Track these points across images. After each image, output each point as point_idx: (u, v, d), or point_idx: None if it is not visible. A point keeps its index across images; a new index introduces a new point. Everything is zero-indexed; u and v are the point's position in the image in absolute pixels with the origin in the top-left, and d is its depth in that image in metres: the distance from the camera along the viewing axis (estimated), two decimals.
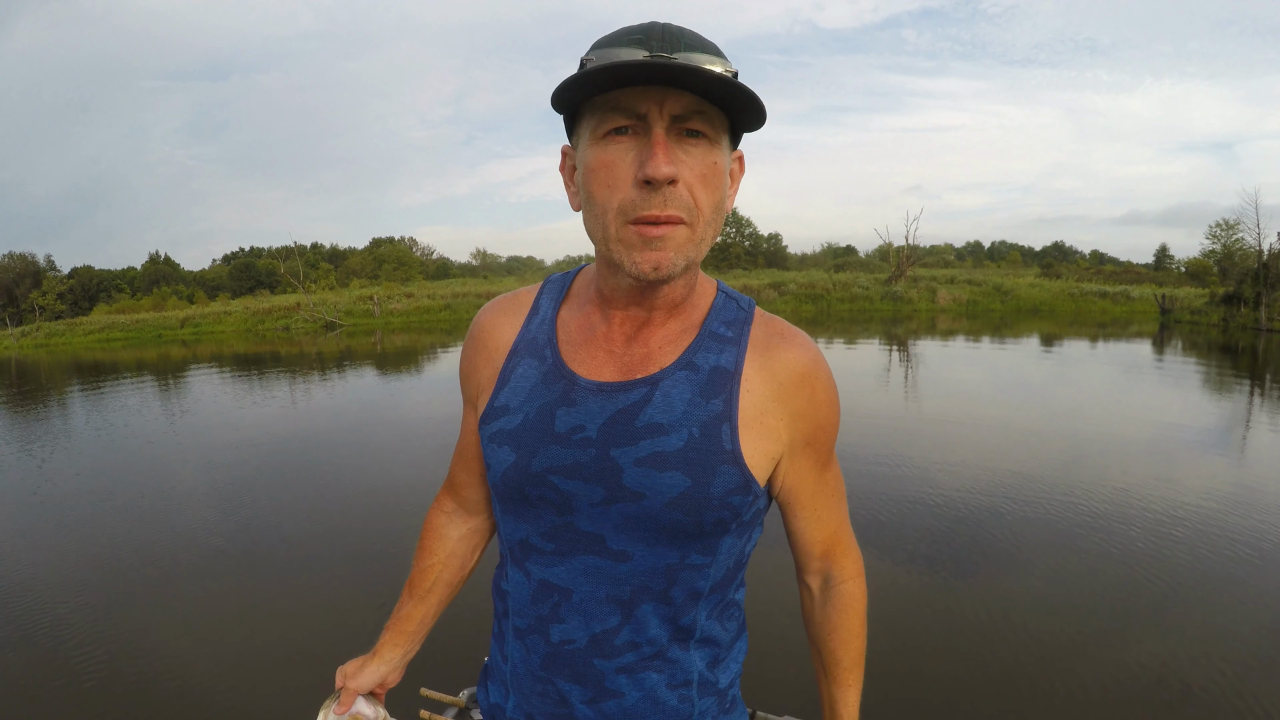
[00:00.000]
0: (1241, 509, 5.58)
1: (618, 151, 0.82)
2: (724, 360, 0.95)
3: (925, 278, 37.48)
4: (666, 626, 0.96)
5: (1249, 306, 24.61)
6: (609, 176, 0.83)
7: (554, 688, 1.01)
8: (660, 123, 0.81)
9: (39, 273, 49.14)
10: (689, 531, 0.91)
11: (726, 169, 0.89)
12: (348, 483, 6.86)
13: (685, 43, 0.83)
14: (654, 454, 0.89)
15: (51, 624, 4.15)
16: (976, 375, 13.52)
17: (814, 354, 1.02)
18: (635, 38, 0.82)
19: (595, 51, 0.84)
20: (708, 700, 1.03)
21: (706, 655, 1.02)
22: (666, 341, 0.96)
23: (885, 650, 3.67)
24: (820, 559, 1.10)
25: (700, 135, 0.84)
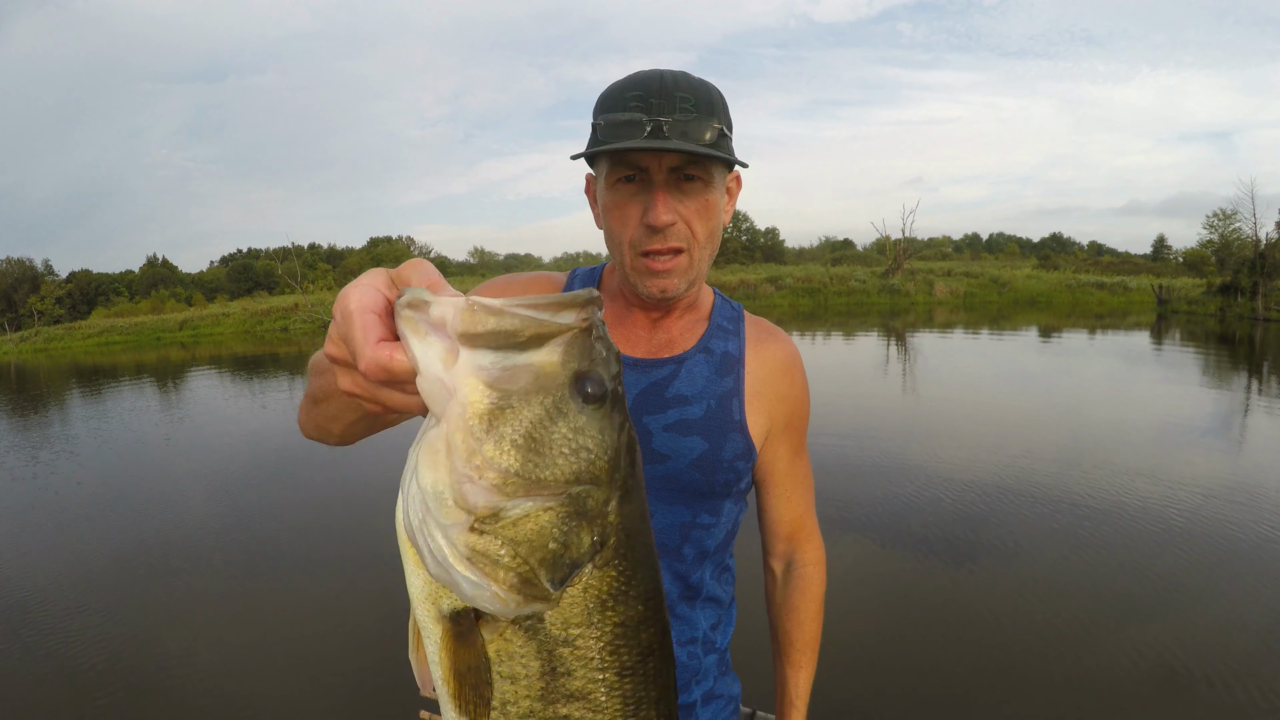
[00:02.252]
0: (1242, 498, 5.62)
1: (627, 194, 1.01)
2: (730, 347, 1.15)
3: (922, 270, 37.48)
4: (677, 584, 1.11)
5: (1246, 296, 24.65)
6: (621, 216, 1.02)
7: None
8: (660, 175, 0.98)
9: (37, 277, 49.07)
10: (702, 491, 1.08)
11: (720, 201, 1.06)
12: (347, 483, 6.89)
13: (679, 102, 0.97)
14: (679, 421, 1.07)
15: (53, 625, 4.18)
16: (975, 368, 13.55)
17: (795, 348, 1.23)
18: (635, 98, 0.96)
19: (602, 116, 1.00)
20: (710, 658, 1.19)
21: (710, 615, 1.17)
22: (684, 330, 1.15)
23: (886, 643, 3.70)
24: (785, 541, 1.29)
25: (696, 179, 1.00)
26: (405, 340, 0.48)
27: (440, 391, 0.47)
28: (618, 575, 0.54)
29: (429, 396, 0.47)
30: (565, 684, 0.54)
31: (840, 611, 3.98)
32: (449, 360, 0.47)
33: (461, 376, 0.47)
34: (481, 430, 0.47)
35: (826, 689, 3.38)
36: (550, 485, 0.49)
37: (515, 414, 0.48)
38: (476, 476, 0.47)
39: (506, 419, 0.47)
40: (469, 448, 0.47)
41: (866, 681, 3.40)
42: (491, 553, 0.48)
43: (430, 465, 0.48)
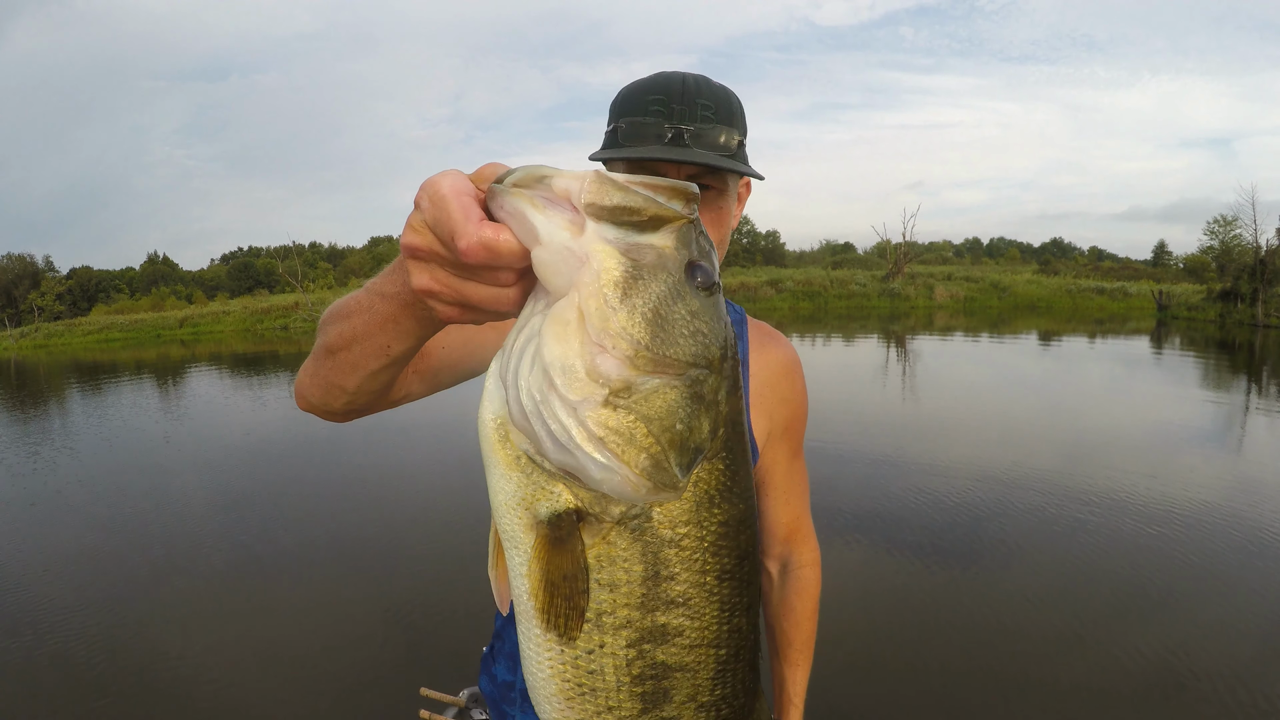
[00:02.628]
0: (1240, 502, 5.63)
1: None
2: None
3: (923, 275, 37.51)
4: None
5: (1246, 302, 24.66)
6: None
7: None
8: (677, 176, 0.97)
9: (37, 273, 49.07)
10: None
11: (731, 208, 1.06)
12: (347, 483, 6.89)
13: (701, 110, 0.97)
14: None
15: (53, 623, 4.18)
16: (975, 371, 13.55)
17: (795, 353, 1.24)
18: (656, 104, 0.96)
19: (623, 119, 0.99)
20: None
21: None
22: None
23: (886, 644, 3.71)
24: (783, 543, 1.28)
25: (709, 188, 1.00)
26: (522, 214, 0.46)
27: (568, 260, 0.46)
28: (725, 470, 0.54)
29: (552, 267, 0.46)
30: (667, 589, 0.53)
31: (840, 612, 3.99)
32: (575, 230, 0.46)
33: (593, 244, 0.46)
34: (616, 298, 0.46)
35: (826, 689, 3.38)
36: (674, 364, 0.48)
37: (644, 288, 0.47)
38: (610, 346, 0.46)
39: (637, 290, 0.47)
40: (603, 315, 0.46)
41: (866, 682, 3.40)
42: (625, 429, 0.47)
43: (559, 336, 0.46)
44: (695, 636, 0.56)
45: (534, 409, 0.48)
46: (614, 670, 0.55)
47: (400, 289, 0.63)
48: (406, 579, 4.60)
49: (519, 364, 0.49)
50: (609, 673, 0.55)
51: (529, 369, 0.48)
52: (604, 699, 0.56)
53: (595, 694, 0.55)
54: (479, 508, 1.23)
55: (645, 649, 0.54)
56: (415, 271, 0.53)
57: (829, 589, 1.34)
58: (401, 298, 0.63)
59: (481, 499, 1.19)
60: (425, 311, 0.61)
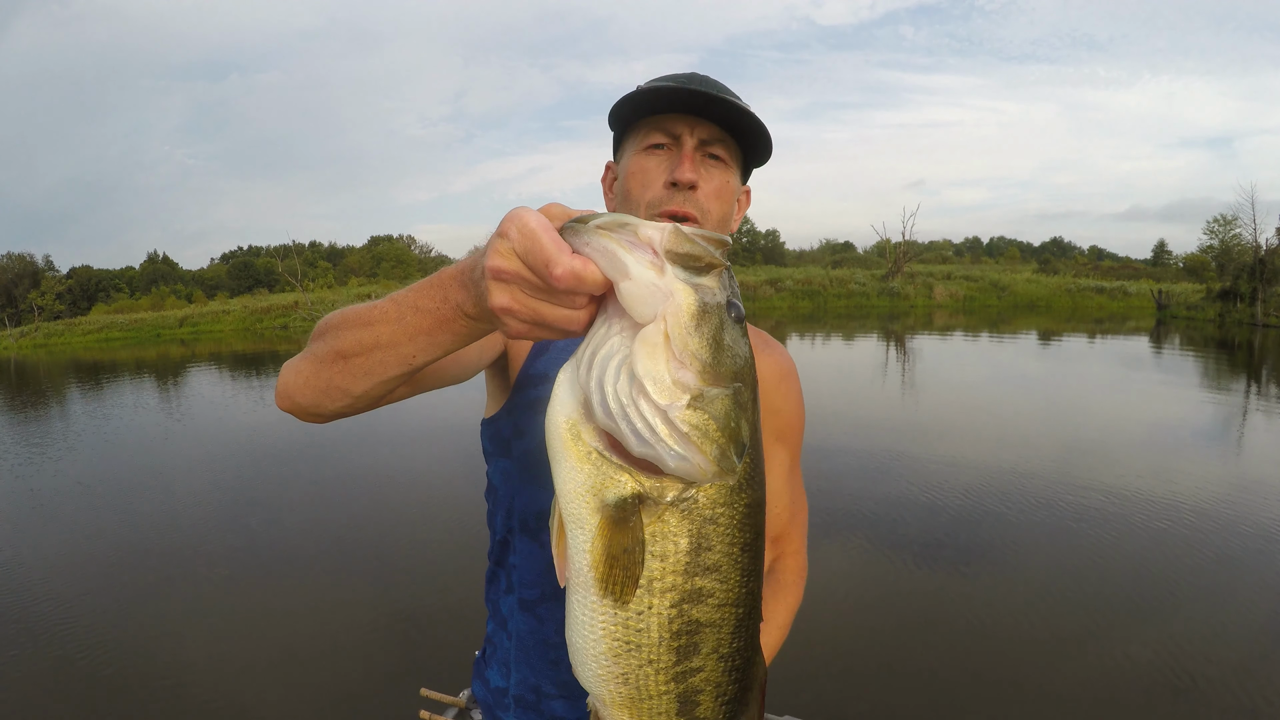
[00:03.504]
0: (1241, 502, 5.65)
1: (653, 161, 1.04)
2: None
3: (922, 274, 37.50)
4: None
5: (1245, 302, 24.67)
6: (644, 179, 1.04)
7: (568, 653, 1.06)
8: (690, 142, 1.03)
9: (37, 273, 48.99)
10: None
11: (736, 191, 1.10)
12: (347, 482, 6.90)
13: (718, 89, 1.04)
14: None
15: (54, 626, 4.20)
16: (974, 371, 13.56)
17: (791, 362, 1.24)
18: (680, 78, 1.04)
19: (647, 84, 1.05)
20: None
21: None
22: None
23: (885, 644, 3.72)
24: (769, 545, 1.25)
25: (719, 160, 1.05)
26: (613, 253, 0.57)
27: (656, 293, 0.57)
28: (751, 462, 0.66)
29: (640, 298, 0.57)
30: (704, 558, 0.65)
31: (839, 613, 4.00)
32: (658, 271, 0.58)
33: (675, 283, 0.58)
34: (692, 326, 0.58)
35: (825, 689, 3.40)
36: (726, 378, 0.61)
37: (708, 319, 0.60)
38: (688, 362, 0.58)
39: (705, 321, 0.59)
40: (683, 339, 0.58)
41: (865, 682, 3.41)
42: (702, 426, 0.59)
43: (650, 355, 0.57)
44: (723, 597, 0.67)
45: (620, 411, 0.58)
46: (658, 628, 0.66)
47: (440, 305, 0.70)
48: (407, 580, 4.61)
49: (602, 374, 0.59)
50: (654, 630, 0.66)
51: (614, 378, 0.58)
52: (647, 653, 0.67)
53: (640, 649, 0.67)
54: (479, 508, 1.24)
55: (685, 608, 0.66)
56: (496, 291, 0.61)
57: (829, 588, 1.34)
58: (441, 313, 0.70)
59: (480, 500, 1.20)
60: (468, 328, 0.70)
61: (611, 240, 0.57)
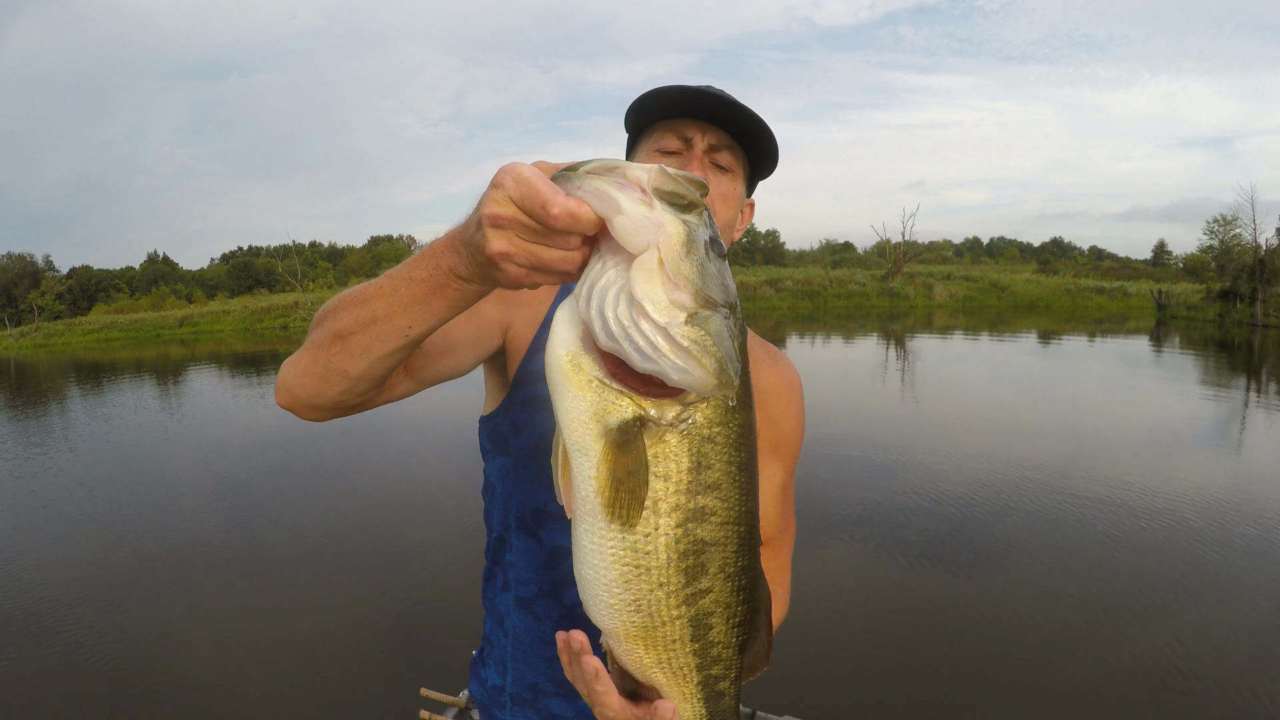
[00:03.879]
0: (1240, 502, 5.65)
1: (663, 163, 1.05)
2: None
3: (922, 274, 37.50)
4: None
5: (1245, 302, 24.67)
6: None
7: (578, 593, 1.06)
8: (701, 145, 1.06)
9: (37, 273, 49.01)
10: None
11: (741, 200, 1.12)
12: (347, 483, 6.91)
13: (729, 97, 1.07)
14: None
15: (54, 626, 4.20)
16: (974, 371, 13.57)
17: (797, 377, 1.22)
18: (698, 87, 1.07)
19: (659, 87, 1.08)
20: None
21: None
22: None
23: (884, 645, 3.72)
24: None
25: (727, 167, 1.08)
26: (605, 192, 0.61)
27: (648, 225, 0.61)
28: (743, 385, 0.69)
29: (633, 230, 0.61)
30: (705, 476, 0.68)
31: (839, 613, 4.00)
32: (648, 206, 0.62)
33: (665, 215, 0.62)
34: (682, 253, 0.62)
35: (825, 690, 3.41)
36: (716, 302, 0.65)
37: (695, 249, 0.63)
38: (682, 285, 0.62)
39: (692, 250, 0.63)
40: (676, 264, 0.62)
41: (865, 682, 3.41)
42: (700, 340, 0.62)
43: (647, 279, 0.61)
44: (725, 515, 0.70)
45: (623, 332, 0.62)
46: (665, 549, 0.69)
47: (433, 272, 0.72)
48: (407, 580, 4.61)
49: (601, 302, 0.63)
50: (661, 552, 0.69)
51: (614, 304, 0.62)
52: (656, 576, 0.69)
53: (650, 573, 0.69)
54: (478, 508, 1.24)
55: (689, 528, 0.69)
56: (494, 238, 0.64)
57: (829, 589, 1.34)
58: (434, 280, 0.72)
59: (479, 499, 1.21)
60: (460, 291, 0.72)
61: (602, 181, 0.61)
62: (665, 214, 0.62)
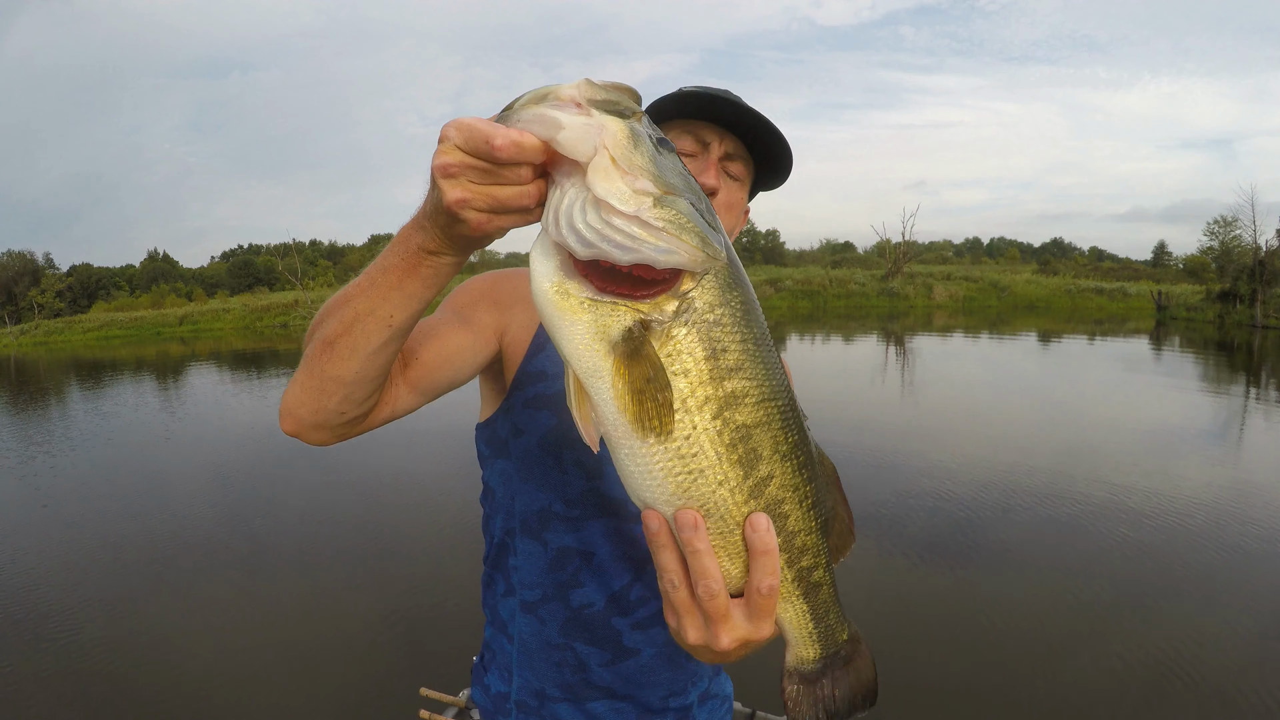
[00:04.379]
0: (1239, 503, 5.65)
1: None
2: None
3: (922, 274, 37.50)
4: None
5: (1245, 303, 24.68)
6: None
7: (572, 654, 1.08)
8: (717, 151, 1.07)
9: (37, 270, 48.98)
10: None
11: (741, 208, 1.14)
12: (347, 483, 6.91)
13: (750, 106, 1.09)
14: None
15: (54, 627, 4.20)
16: (974, 371, 13.57)
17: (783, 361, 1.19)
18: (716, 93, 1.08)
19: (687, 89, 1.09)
20: None
21: None
22: None
23: (883, 646, 3.71)
24: None
25: (736, 176, 1.10)
26: (542, 114, 0.61)
27: (590, 130, 0.61)
28: (731, 263, 0.68)
29: (577, 139, 0.61)
30: (724, 360, 0.66)
31: None
32: (586, 114, 0.62)
33: (604, 117, 0.62)
34: (631, 146, 0.62)
35: None
36: (679, 188, 0.64)
37: (641, 142, 0.63)
38: (639, 174, 0.62)
39: (639, 143, 0.63)
40: (628, 157, 0.62)
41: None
42: (674, 219, 0.62)
43: (605, 177, 0.61)
44: (758, 394, 0.68)
45: (597, 235, 0.61)
46: (711, 445, 0.66)
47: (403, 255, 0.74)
48: (407, 580, 4.62)
49: (570, 219, 0.62)
50: (709, 449, 0.66)
51: (581, 214, 0.61)
52: (713, 475, 0.67)
53: (705, 474, 0.66)
54: (478, 509, 1.25)
55: (727, 416, 0.66)
56: (448, 187, 0.64)
57: None
58: (406, 262, 0.74)
59: (476, 500, 1.21)
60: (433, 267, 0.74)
61: (538, 107, 0.62)
62: (604, 116, 0.62)
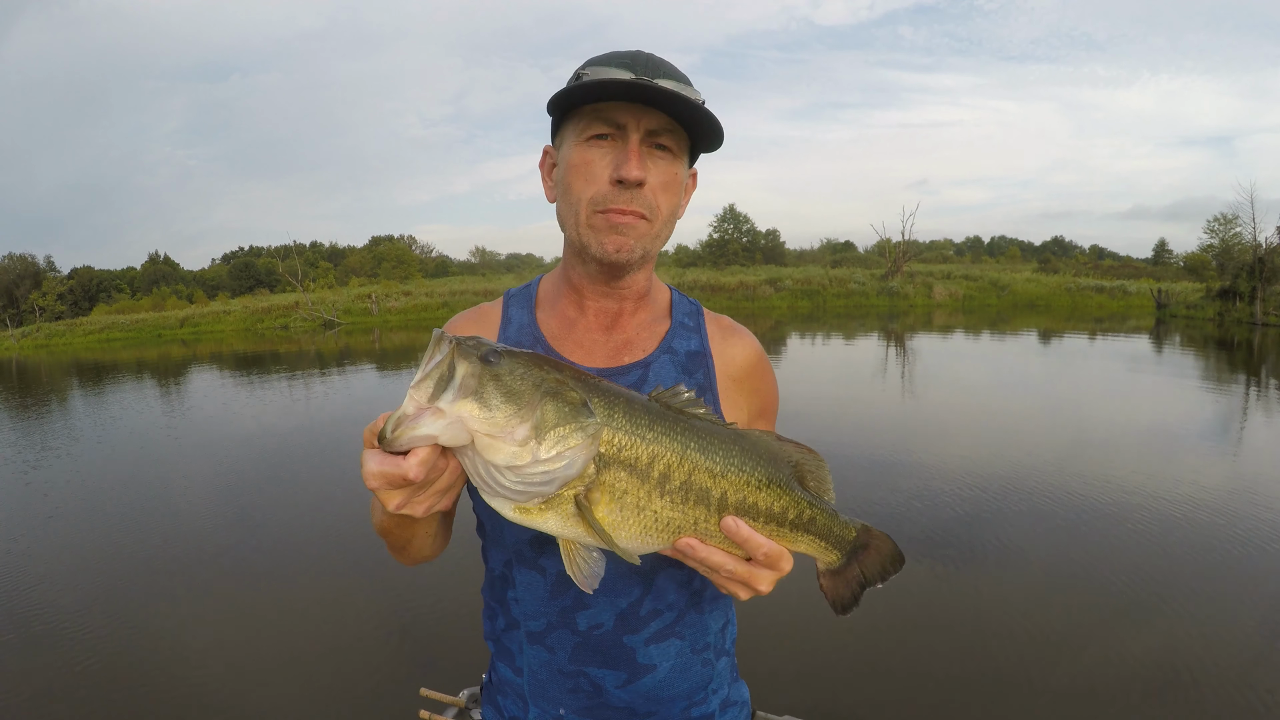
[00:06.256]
0: (1240, 500, 5.66)
1: (597, 154, 0.97)
2: (693, 345, 1.12)
3: (922, 273, 37.49)
4: (683, 591, 1.07)
5: (1245, 301, 24.66)
6: (587, 173, 0.97)
7: (586, 680, 1.04)
8: (636, 134, 0.96)
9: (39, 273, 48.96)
10: None
11: (684, 181, 1.05)
12: (347, 483, 6.93)
13: (664, 71, 0.97)
14: None
15: (54, 628, 4.22)
16: (973, 369, 13.58)
17: (758, 344, 1.20)
18: (624, 61, 0.97)
19: (589, 68, 0.99)
20: (723, 662, 1.16)
21: (719, 617, 1.14)
22: (642, 329, 1.11)
23: (883, 646, 3.74)
24: None
25: (666, 150, 0.99)
26: (412, 438, 0.71)
27: (454, 427, 0.72)
28: (600, 397, 0.80)
29: (453, 436, 0.72)
30: (642, 463, 0.80)
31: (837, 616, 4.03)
32: (440, 415, 0.71)
33: (451, 409, 0.72)
34: (486, 414, 0.72)
35: (825, 689, 3.43)
36: (532, 400, 0.74)
37: (487, 394, 0.73)
38: (510, 428, 0.73)
39: (487, 399, 0.73)
40: (490, 425, 0.72)
41: (864, 683, 3.43)
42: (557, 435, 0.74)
43: (492, 451, 0.73)
44: (678, 460, 0.83)
45: (523, 488, 0.75)
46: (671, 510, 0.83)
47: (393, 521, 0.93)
48: (407, 579, 4.63)
49: (496, 484, 0.75)
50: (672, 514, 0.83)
51: (501, 477, 0.74)
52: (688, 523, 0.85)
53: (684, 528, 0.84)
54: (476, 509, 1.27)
55: (668, 488, 0.83)
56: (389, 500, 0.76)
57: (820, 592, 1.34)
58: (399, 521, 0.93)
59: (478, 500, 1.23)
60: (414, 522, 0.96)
61: (406, 429, 0.71)
62: (451, 407, 0.71)
